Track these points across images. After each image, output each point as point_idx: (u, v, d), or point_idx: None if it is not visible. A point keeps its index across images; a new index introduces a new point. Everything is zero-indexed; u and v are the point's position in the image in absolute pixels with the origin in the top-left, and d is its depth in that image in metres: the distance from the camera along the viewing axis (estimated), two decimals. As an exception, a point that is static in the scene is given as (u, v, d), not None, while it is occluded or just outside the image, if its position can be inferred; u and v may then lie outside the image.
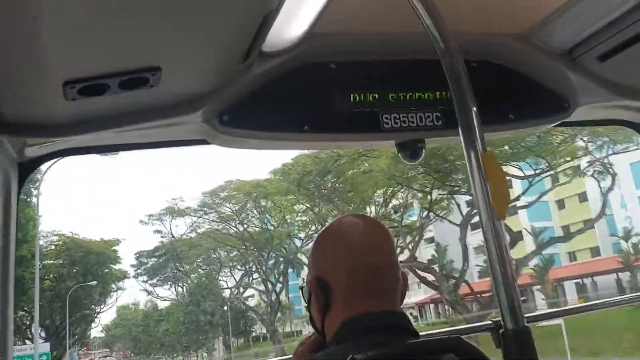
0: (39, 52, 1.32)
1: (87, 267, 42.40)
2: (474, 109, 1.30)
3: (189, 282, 51.70)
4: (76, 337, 47.59)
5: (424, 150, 2.06)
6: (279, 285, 44.52)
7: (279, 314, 45.36)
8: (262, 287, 50.64)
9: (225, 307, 49.06)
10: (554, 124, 2.28)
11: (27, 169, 1.87)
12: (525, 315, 1.54)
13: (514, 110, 2.09)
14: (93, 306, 46.89)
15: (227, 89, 1.78)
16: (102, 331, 72.84)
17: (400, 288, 1.33)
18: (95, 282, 42.03)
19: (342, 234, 1.35)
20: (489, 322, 1.89)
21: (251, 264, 47.29)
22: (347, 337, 1.23)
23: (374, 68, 1.99)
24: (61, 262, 41.98)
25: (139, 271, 53.68)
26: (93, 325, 52.51)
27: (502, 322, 1.56)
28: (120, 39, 1.38)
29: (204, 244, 46.80)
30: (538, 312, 2.90)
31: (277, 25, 1.59)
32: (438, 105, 2.01)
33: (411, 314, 49.86)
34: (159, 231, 47.98)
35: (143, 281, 54.17)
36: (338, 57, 1.95)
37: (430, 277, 27.37)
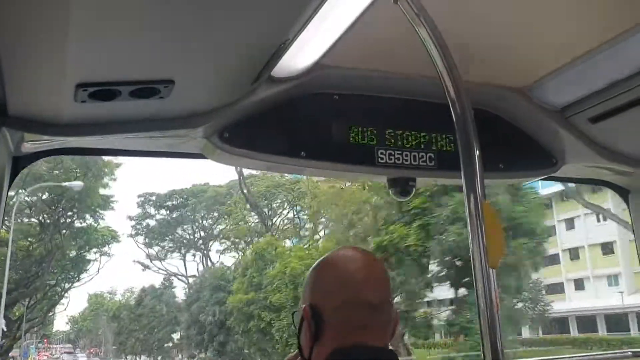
0: (58, 52, 1.34)
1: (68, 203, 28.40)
2: (478, 156, 1.34)
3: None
4: (36, 321, 34.19)
5: (414, 189, 2.10)
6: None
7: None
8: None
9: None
10: (540, 178, 2.37)
11: (21, 164, 1.87)
12: None
13: (504, 160, 2.17)
14: (62, 281, 32.35)
15: (231, 108, 1.82)
16: (67, 322, 61.67)
17: (392, 326, 1.35)
18: (74, 214, 27.78)
19: (340, 267, 1.35)
20: None
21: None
22: None
23: (375, 103, 2.05)
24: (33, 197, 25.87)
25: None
26: (59, 308, 38.09)
27: None
28: (139, 49, 1.41)
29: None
30: None
31: (289, 53, 1.63)
32: (433, 146, 2.07)
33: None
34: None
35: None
36: (342, 89, 2.00)
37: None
